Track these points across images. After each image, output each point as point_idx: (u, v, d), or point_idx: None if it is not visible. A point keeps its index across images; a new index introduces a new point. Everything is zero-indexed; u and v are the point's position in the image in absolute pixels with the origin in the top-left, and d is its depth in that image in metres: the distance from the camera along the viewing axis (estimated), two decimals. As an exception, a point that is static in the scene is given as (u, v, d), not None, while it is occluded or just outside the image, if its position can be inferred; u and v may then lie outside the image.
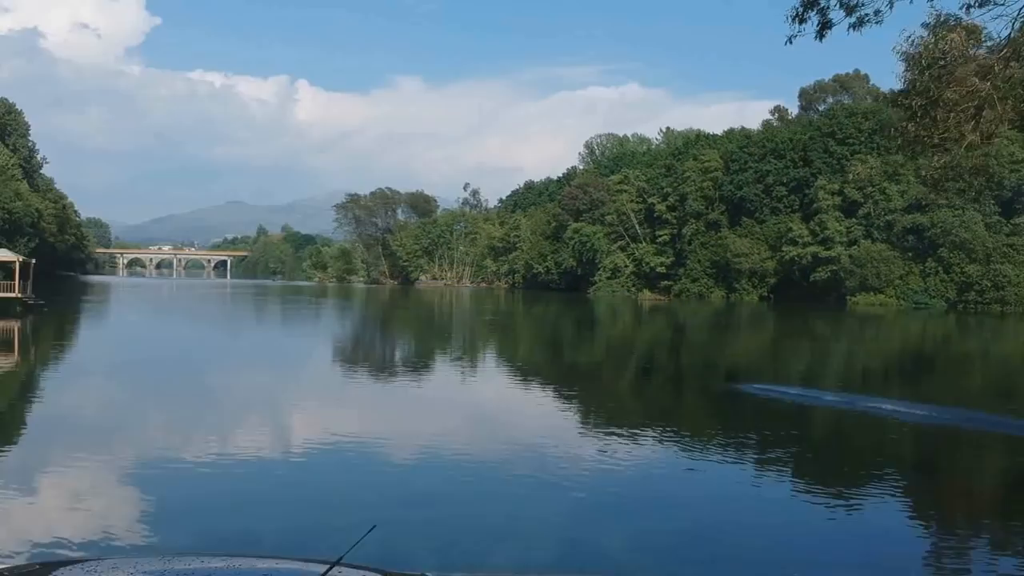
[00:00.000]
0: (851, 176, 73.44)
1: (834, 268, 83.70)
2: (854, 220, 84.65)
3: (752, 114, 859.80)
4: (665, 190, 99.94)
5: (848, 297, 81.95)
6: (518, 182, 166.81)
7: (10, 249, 53.02)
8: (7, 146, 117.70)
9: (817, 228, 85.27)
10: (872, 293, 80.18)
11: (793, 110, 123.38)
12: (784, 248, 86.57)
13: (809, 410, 17.53)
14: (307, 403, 18.67)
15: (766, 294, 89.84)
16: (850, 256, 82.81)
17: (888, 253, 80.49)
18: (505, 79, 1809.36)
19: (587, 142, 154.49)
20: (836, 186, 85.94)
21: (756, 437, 14.90)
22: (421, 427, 15.15)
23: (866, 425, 16.20)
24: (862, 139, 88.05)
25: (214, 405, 17.23)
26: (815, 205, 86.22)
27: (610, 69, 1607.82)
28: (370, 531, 3.35)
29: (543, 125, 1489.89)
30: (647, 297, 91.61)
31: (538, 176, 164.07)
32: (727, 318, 64.22)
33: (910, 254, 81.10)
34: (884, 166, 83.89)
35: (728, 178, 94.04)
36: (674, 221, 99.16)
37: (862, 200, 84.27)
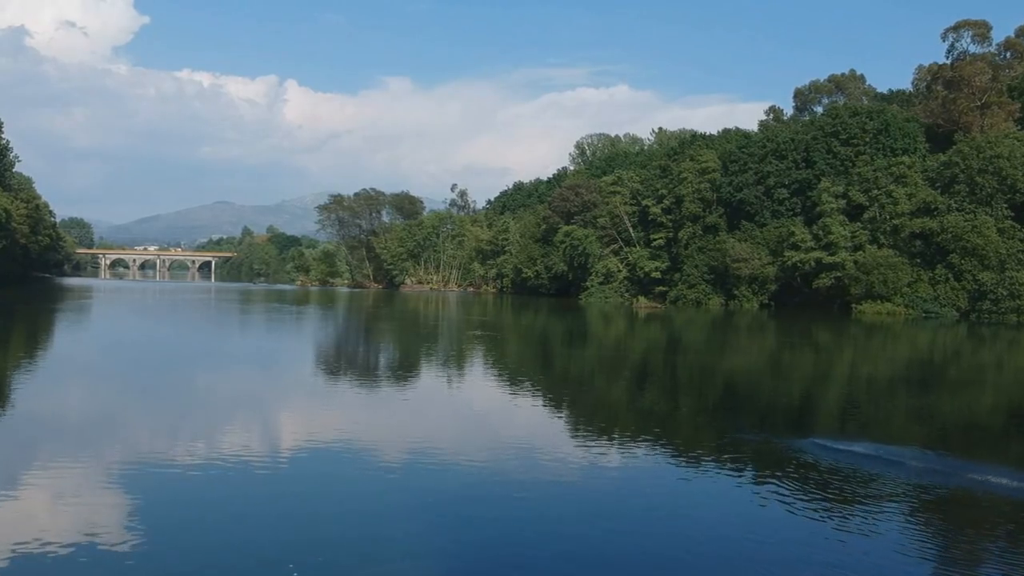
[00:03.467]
0: None
1: (838, 275, 79.84)
2: (859, 224, 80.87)
3: (742, 116, 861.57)
4: (660, 192, 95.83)
5: (853, 305, 78.06)
6: (506, 183, 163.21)
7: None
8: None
9: (820, 232, 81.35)
10: (879, 301, 76.27)
11: (787, 111, 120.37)
12: (786, 253, 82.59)
13: (911, 491, 13.20)
14: (265, 451, 14.41)
15: (766, 301, 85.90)
16: (855, 262, 78.93)
17: (895, 259, 76.65)
18: (494, 80, 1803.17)
19: (578, 142, 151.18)
20: (840, 188, 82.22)
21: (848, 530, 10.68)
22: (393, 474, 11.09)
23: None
24: (867, 139, 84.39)
25: (147, 476, 12.92)
26: (818, 208, 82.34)
27: (599, 71, 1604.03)
28: None
29: (532, 126, 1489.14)
30: (643, 305, 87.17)
31: (526, 177, 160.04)
32: (730, 329, 60.16)
33: (918, 260, 77.35)
34: (890, 167, 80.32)
35: (727, 179, 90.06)
36: (669, 224, 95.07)
37: (867, 203, 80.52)
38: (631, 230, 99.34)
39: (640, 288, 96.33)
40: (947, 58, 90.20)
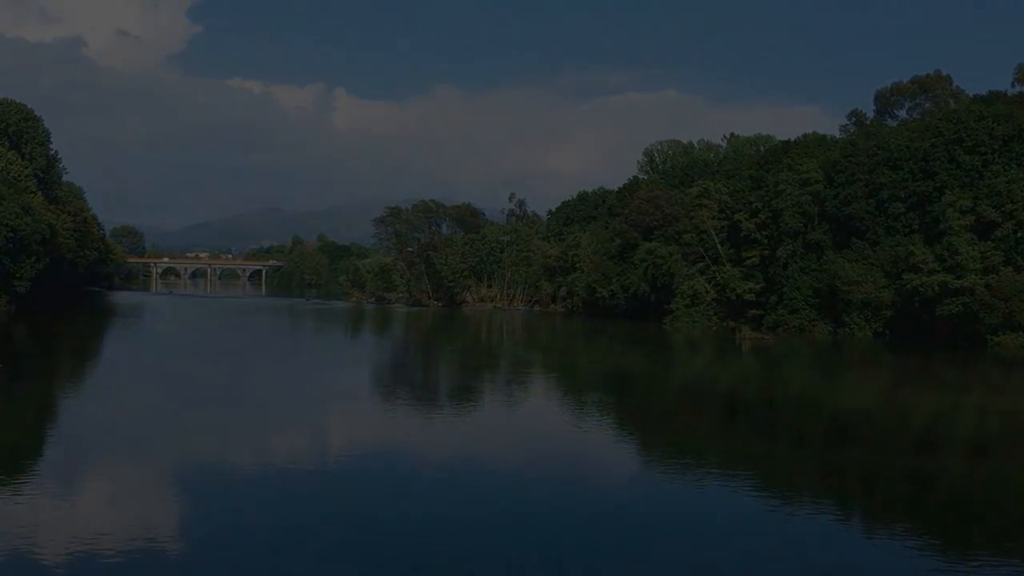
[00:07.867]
0: None
1: (966, 301, 69.92)
2: (990, 243, 70.94)
3: (794, 120, 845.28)
4: (754, 204, 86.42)
5: (988, 337, 68.23)
6: (554, 187, 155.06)
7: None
8: (22, 155, 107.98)
9: (945, 252, 71.44)
10: (1021, 332, 66.43)
11: (851, 115, 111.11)
12: (904, 276, 72.85)
13: None
14: None
15: (880, 329, 76.23)
16: (987, 286, 69.08)
17: (1040, 284, 66.71)
18: (540, 86, 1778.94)
19: (647, 149, 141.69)
20: (968, 202, 72.25)
21: None
22: None
23: None
24: (995, 147, 74.34)
25: None
26: (942, 225, 72.53)
27: (647, 75, 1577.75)
28: None
29: (578, 131, 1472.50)
30: (747, 335, 77.18)
31: (571, 182, 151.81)
32: (894, 372, 51.14)
33: (1065, 286, 67.30)
34: (1026, 178, 70.39)
35: (832, 192, 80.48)
36: (765, 241, 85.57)
37: (1000, 220, 70.60)
38: (719, 247, 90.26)
39: (731, 311, 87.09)
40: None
